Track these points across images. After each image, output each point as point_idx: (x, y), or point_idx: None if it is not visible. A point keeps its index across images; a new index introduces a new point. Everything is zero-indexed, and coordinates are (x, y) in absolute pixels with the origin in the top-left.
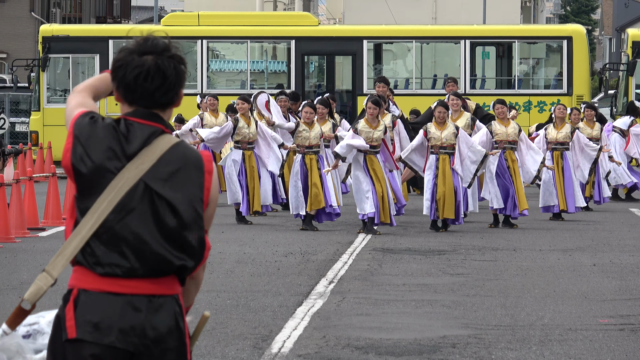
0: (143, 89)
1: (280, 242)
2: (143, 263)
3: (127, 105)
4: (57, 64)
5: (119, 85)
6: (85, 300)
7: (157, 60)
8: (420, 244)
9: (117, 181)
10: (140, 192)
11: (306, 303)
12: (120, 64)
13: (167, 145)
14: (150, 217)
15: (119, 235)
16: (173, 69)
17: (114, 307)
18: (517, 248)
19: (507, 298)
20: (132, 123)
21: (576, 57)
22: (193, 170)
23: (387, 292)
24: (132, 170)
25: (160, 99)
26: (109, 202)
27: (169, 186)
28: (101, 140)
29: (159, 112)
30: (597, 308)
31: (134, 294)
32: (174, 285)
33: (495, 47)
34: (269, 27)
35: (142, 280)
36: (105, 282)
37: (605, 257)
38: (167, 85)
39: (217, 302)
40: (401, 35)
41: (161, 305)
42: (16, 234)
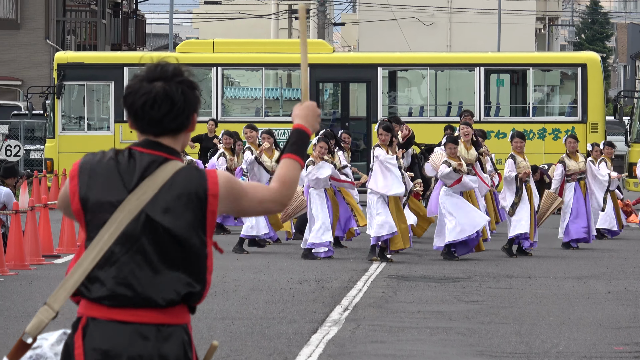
0: (150, 116)
1: (295, 269)
2: (147, 293)
3: (139, 132)
4: (72, 91)
5: (129, 113)
6: (93, 328)
7: (165, 86)
8: (435, 271)
9: (119, 213)
10: (141, 223)
11: (321, 330)
12: (130, 91)
13: (169, 173)
14: (153, 247)
15: (122, 267)
16: (181, 94)
17: (123, 336)
18: (531, 275)
19: (522, 325)
20: (134, 153)
21: (591, 85)
22: (195, 197)
23: (401, 319)
24: (133, 202)
25: (169, 125)
26: (111, 234)
27: (170, 215)
28: (101, 175)
29: (168, 138)
30: (612, 335)
31: (142, 322)
32: (183, 314)
33: (509, 74)
34: (284, 55)
35: (151, 309)
36: (114, 311)
37: (620, 285)
38: (175, 111)
39: (232, 330)
40: (416, 63)
41: (170, 334)
42: (31, 261)
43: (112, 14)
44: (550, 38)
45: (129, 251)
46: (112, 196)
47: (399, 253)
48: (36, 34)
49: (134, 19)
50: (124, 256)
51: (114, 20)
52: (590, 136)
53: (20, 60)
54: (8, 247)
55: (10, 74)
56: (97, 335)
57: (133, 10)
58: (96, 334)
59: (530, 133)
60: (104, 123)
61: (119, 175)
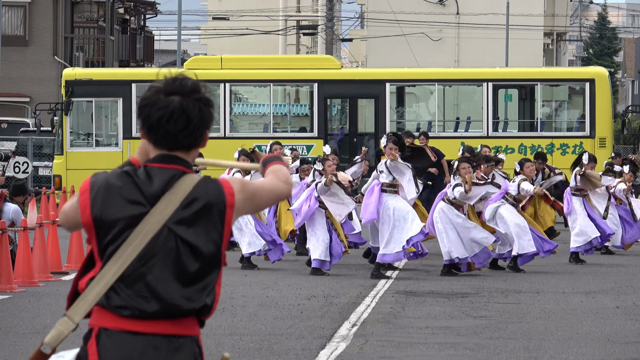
0: (166, 130)
1: (303, 285)
2: (167, 306)
3: (152, 144)
4: (80, 108)
5: (144, 124)
6: (106, 338)
7: (182, 102)
8: (443, 286)
9: (142, 227)
10: (164, 237)
11: (329, 346)
12: (146, 102)
13: (189, 187)
14: (173, 261)
15: (143, 280)
16: (198, 112)
17: (135, 346)
18: (540, 291)
19: (530, 341)
20: (152, 168)
21: (599, 100)
22: (215, 209)
23: (410, 335)
24: (155, 216)
25: (183, 141)
26: (134, 248)
27: (192, 229)
28: (118, 191)
29: (181, 153)
30: (620, 351)
31: (154, 333)
32: (194, 326)
33: (517, 89)
34: (292, 70)
35: (163, 321)
36: (127, 322)
37: (629, 300)
38: (190, 128)
39: (240, 346)
40: (423, 78)
41: (181, 345)
42: (39, 277)
43: (120, 30)
44: (558, 53)
45: (151, 265)
46: (133, 211)
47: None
48: (44, 51)
49: (142, 35)
50: (146, 269)
51: (122, 37)
52: (598, 151)
53: (28, 77)
54: (16, 264)
55: (18, 91)
56: (111, 346)
57: (141, 26)
58: (109, 345)
59: (539, 148)
60: (112, 140)
61: (139, 191)
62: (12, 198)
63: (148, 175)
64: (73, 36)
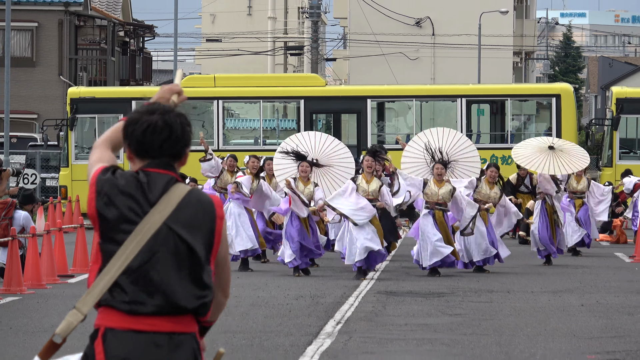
0: (151, 141)
1: (291, 286)
2: (167, 301)
3: (139, 159)
4: (84, 124)
5: (130, 141)
6: (112, 338)
7: (164, 116)
8: (421, 287)
9: (143, 225)
10: (163, 235)
11: (315, 342)
12: (130, 122)
13: (183, 192)
14: (173, 258)
15: (145, 275)
16: (179, 124)
17: (139, 344)
18: (510, 290)
19: (502, 336)
20: (150, 173)
21: (564, 114)
22: (207, 216)
23: (390, 331)
24: (155, 215)
25: (168, 151)
26: (136, 244)
27: (188, 230)
28: (123, 189)
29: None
30: (585, 345)
31: (156, 331)
32: (192, 324)
33: (489, 104)
34: (280, 88)
35: (164, 318)
36: (130, 320)
37: (592, 298)
38: (173, 138)
39: (233, 342)
40: (402, 95)
41: (181, 342)
42: (47, 280)
43: (120, 51)
44: (527, 71)
45: (151, 260)
46: (135, 209)
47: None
48: (50, 71)
49: (140, 56)
50: (147, 265)
51: (123, 58)
52: None
53: (36, 96)
54: (26, 267)
55: (27, 108)
56: (116, 344)
57: (140, 48)
58: (115, 343)
59: (509, 159)
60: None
61: (141, 191)
62: (22, 206)
63: (147, 178)
64: (77, 57)
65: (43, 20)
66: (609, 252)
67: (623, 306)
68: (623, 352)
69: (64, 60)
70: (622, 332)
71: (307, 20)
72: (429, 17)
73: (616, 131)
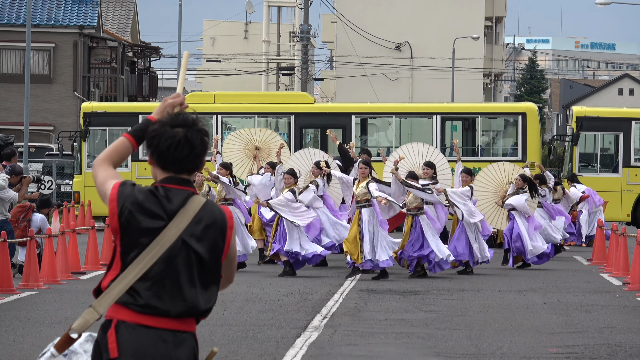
0: (174, 157)
1: (282, 284)
2: (176, 306)
3: (160, 169)
4: (96, 135)
5: (154, 152)
6: (124, 330)
7: (187, 132)
8: (399, 285)
9: (161, 238)
10: (178, 247)
11: (304, 335)
12: (155, 134)
13: (198, 206)
14: (186, 268)
15: (159, 283)
16: (200, 141)
17: (148, 338)
18: (480, 289)
19: (472, 331)
20: (170, 189)
21: (529, 130)
22: (219, 227)
23: (371, 326)
24: (172, 229)
25: (187, 166)
26: (154, 254)
27: (201, 242)
28: (143, 204)
29: (186, 176)
30: (547, 339)
31: (163, 328)
32: (193, 324)
33: (461, 121)
34: (273, 105)
35: (171, 318)
36: (141, 317)
37: (554, 297)
38: (194, 154)
39: (230, 334)
40: (383, 112)
41: (184, 339)
42: (61, 277)
43: (129, 70)
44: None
45: (166, 270)
46: (154, 223)
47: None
48: (66, 88)
49: (147, 74)
50: (162, 274)
51: (131, 76)
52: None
53: (52, 110)
54: (42, 265)
55: (44, 121)
56: (128, 336)
57: (147, 67)
58: (127, 335)
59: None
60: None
61: (160, 207)
62: (39, 210)
63: (167, 194)
64: (90, 75)
65: (59, 42)
66: (569, 256)
67: (581, 304)
68: (581, 346)
69: (78, 77)
70: (581, 328)
71: (297, 43)
72: (407, 41)
73: (576, 146)
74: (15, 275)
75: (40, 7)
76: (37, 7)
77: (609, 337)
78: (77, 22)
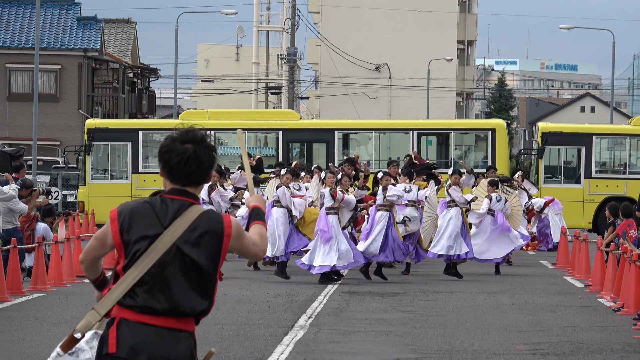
0: (182, 172)
1: (270, 286)
2: (172, 307)
3: (169, 181)
4: (99, 150)
5: (164, 166)
6: (125, 327)
7: (195, 149)
8: (379, 287)
9: (156, 244)
10: (173, 253)
11: (291, 333)
12: (166, 149)
13: (195, 215)
14: (180, 272)
15: (155, 286)
16: (207, 157)
17: (146, 335)
18: (453, 291)
19: (446, 329)
20: (166, 199)
21: (499, 144)
22: (214, 235)
23: (353, 325)
24: (167, 236)
25: (195, 180)
26: (150, 259)
27: (196, 249)
28: (140, 216)
29: (192, 188)
30: (515, 337)
31: (161, 326)
32: (191, 323)
33: (436, 136)
34: (262, 121)
35: (169, 317)
36: (141, 316)
37: (521, 298)
38: (201, 169)
39: (222, 333)
40: (363, 128)
41: (181, 337)
42: (67, 280)
43: (129, 90)
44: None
45: (161, 274)
46: (151, 231)
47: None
48: (71, 106)
49: (146, 94)
50: (157, 277)
51: (131, 95)
52: None
53: (59, 126)
54: (50, 269)
55: (51, 136)
56: (128, 332)
57: (146, 87)
58: (127, 331)
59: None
60: (124, 174)
61: (155, 216)
62: (43, 219)
63: (164, 204)
64: (93, 94)
65: (65, 64)
66: (534, 261)
67: (547, 305)
68: (547, 344)
69: (83, 96)
70: (546, 326)
71: (285, 65)
72: (386, 63)
73: (541, 159)
74: (24, 279)
75: (48, 31)
76: (45, 32)
77: (572, 335)
78: (81, 46)
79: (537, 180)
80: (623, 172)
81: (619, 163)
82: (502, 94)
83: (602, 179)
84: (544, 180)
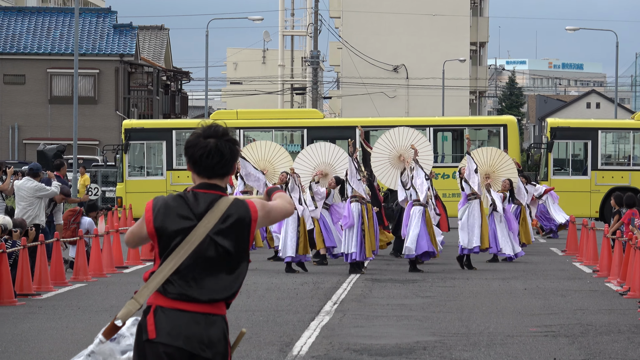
0: (206, 164)
1: (298, 275)
2: (205, 294)
3: (196, 175)
4: (135, 148)
5: (189, 160)
6: (161, 313)
7: (217, 142)
8: (399, 275)
9: (191, 236)
10: (206, 243)
11: (317, 319)
12: (190, 144)
13: (225, 206)
14: (213, 261)
15: (191, 274)
16: (229, 150)
17: (182, 320)
18: (469, 277)
19: (463, 313)
20: (198, 193)
21: (510, 139)
22: (244, 222)
23: (375, 310)
24: (201, 228)
25: (218, 172)
26: (185, 251)
27: (227, 238)
28: (174, 209)
29: (218, 180)
30: (527, 320)
31: (196, 311)
32: (223, 308)
33: (451, 132)
34: (288, 120)
35: (201, 303)
36: (176, 303)
37: (533, 283)
38: (223, 162)
39: (253, 319)
40: (383, 125)
41: (214, 321)
42: (107, 270)
43: (163, 92)
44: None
45: (195, 264)
46: (185, 224)
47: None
48: (109, 107)
49: (179, 95)
50: (192, 267)
51: (165, 97)
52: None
53: (97, 126)
54: (91, 261)
55: (90, 136)
56: (164, 319)
57: (178, 89)
58: (163, 318)
59: None
60: (159, 171)
61: (188, 208)
62: (87, 214)
63: (196, 198)
64: (129, 97)
65: (103, 68)
66: (545, 248)
67: (557, 289)
68: (557, 326)
69: (119, 98)
70: (557, 310)
71: (308, 67)
72: (404, 64)
73: (550, 153)
74: (67, 270)
75: (86, 38)
76: (83, 39)
77: (581, 318)
78: (118, 51)
79: (546, 173)
80: (627, 164)
81: (623, 155)
82: (512, 92)
83: (607, 171)
84: (553, 172)
